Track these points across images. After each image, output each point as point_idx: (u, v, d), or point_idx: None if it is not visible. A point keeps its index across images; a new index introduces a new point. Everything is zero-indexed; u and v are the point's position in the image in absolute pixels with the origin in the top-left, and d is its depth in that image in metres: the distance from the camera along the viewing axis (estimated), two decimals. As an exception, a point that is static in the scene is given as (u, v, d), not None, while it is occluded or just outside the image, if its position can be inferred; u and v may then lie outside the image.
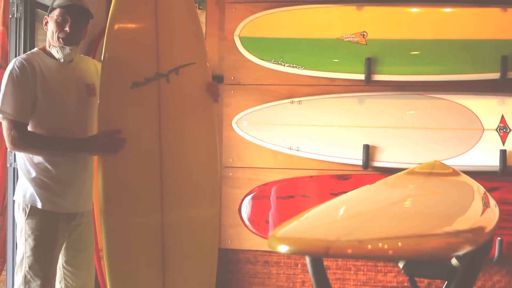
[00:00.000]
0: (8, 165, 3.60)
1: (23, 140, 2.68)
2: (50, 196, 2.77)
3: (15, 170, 3.56)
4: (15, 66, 2.70)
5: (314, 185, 3.97)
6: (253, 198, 4.04)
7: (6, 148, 3.63)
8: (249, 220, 4.02)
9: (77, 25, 2.83)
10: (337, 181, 3.94)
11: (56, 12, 2.80)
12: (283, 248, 1.40)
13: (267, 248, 1.48)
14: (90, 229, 3.04)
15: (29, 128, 2.74)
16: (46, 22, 2.84)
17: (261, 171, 4.14)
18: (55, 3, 2.82)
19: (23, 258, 2.75)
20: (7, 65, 3.65)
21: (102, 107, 2.83)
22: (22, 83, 2.69)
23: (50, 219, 2.77)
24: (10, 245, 3.61)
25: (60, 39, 2.79)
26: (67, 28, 2.79)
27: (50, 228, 2.78)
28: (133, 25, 2.95)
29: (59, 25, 2.79)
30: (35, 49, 2.87)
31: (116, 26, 2.92)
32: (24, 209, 2.76)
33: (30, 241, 2.73)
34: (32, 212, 2.75)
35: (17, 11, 3.57)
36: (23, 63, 2.72)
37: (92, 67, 3.05)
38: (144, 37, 2.94)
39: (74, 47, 2.84)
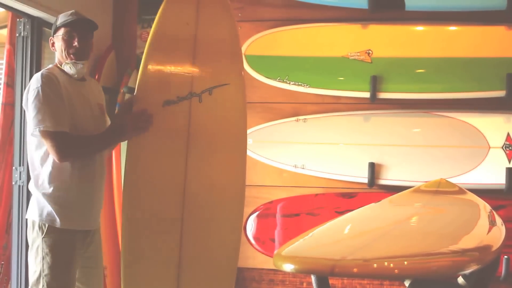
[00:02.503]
0: (13, 183, 3.61)
1: (67, 149, 2.68)
2: (68, 214, 2.76)
3: (20, 188, 3.57)
4: (43, 80, 2.69)
5: (319, 203, 3.96)
6: (258, 216, 4.03)
7: (12, 166, 3.65)
8: (254, 238, 4.00)
9: (85, 39, 2.84)
10: (343, 199, 3.93)
11: (61, 31, 2.81)
12: (288, 267, 1.40)
13: (272, 266, 1.47)
14: (100, 246, 3.04)
15: None
16: (53, 43, 2.84)
17: (267, 189, 4.14)
18: (59, 22, 2.83)
19: (40, 276, 2.72)
20: (13, 83, 3.70)
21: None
22: (55, 94, 2.69)
23: (67, 237, 2.76)
24: (14, 263, 3.60)
25: (71, 55, 2.81)
26: (76, 44, 2.80)
27: (68, 246, 2.76)
28: (172, 45, 2.99)
29: (67, 42, 2.80)
30: (50, 65, 2.87)
31: (155, 46, 2.96)
32: (40, 228, 2.74)
33: (48, 259, 2.71)
34: (50, 230, 2.73)
35: (24, 30, 3.60)
36: (49, 76, 2.72)
37: (99, 88, 3.07)
38: (181, 57, 2.98)
39: (85, 62, 2.86)
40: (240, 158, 3.01)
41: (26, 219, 2.86)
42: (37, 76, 2.73)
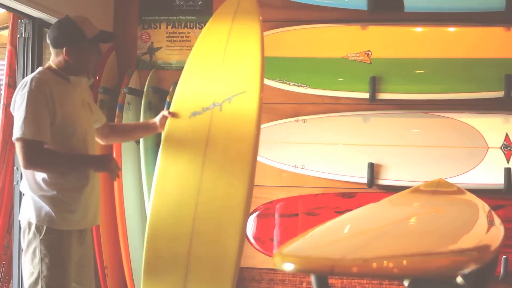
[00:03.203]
0: (14, 183, 3.62)
1: (38, 159, 2.67)
2: (66, 214, 2.77)
3: (21, 188, 3.58)
4: (32, 87, 2.66)
5: (319, 203, 3.97)
6: (258, 216, 4.04)
7: (13, 167, 3.66)
8: (254, 238, 4.02)
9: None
10: (342, 199, 3.94)
11: (89, 44, 2.80)
12: (288, 266, 1.41)
13: (272, 266, 1.48)
14: (91, 245, 3.07)
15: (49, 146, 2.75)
16: (68, 51, 2.75)
17: (266, 189, 4.15)
18: (89, 34, 2.79)
19: (38, 278, 2.71)
20: (14, 84, 3.71)
21: (167, 133, 3.13)
22: (41, 103, 2.66)
23: (65, 237, 2.77)
24: (15, 262, 3.62)
25: (90, 71, 2.86)
26: (98, 61, 2.86)
27: (65, 245, 2.77)
28: (205, 62, 3.22)
29: (91, 58, 2.83)
30: (41, 68, 2.84)
31: (193, 64, 3.24)
32: (38, 229, 2.73)
33: (47, 261, 2.71)
34: (48, 231, 2.73)
35: (25, 31, 3.61)
36: (40, 83, 2.68)
37: (87, 89, 3.06)
38: (210, 71, 3.19)
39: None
40: (250, 163, 3.08)
41: (19, 221, 2.86)
42: (27, 81, 2.69)
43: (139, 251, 3.42)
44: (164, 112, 3.17)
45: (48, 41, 2.83)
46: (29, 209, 2.75)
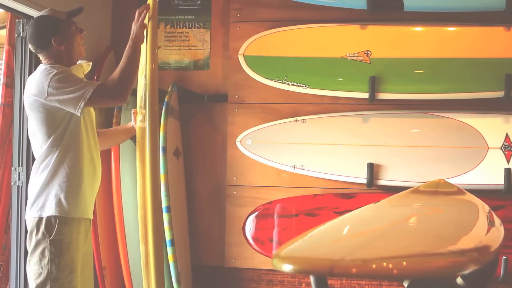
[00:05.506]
0: (12, 183, 3.61)
1: (117, 87, 2.79)
2: (78, 202, 2.79)
3: (19, 188, 3.57)
4: (54, 67, 2.76)
5: (318, 204, 3.96)
6: (257, 216, 4.03)
7: (11, 167, 3.65)
8: (253, 238, 4.01)
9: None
10: (341, 200, 3.93)
11: (68, 25, 2.84)
12: (287, 267, 1.40)
13: (271, 266, 1.47)
14: (92, 243, 3.06)
15: (65, 142, 2.79)
16: (59, 41, 2.82)
17: (265, 190, 4.14)
18: (62, 17, 2.84)
19: (47, 278, 2.71)
20: (12, 84, 3.70)
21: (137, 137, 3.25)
22: (70, 72, 2.80)
23: (74, 228, 2.78)
24: (13, 263, 3.60)
25: (84, 53, 2.90)
26: (83, 40, 2.91)
27: (74, 244, 2.77)
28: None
29: (78, 37, 2.88)
30: (48, 68, 2.84)
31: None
32: (47, 228, 2.72)
33: (57, 261, 2.70)
34: (60, 224, 2.73)
35: (23, 31, 3.61)
36: (56, 65, 2.79)
37: None
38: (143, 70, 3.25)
39: None
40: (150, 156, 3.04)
41: (25, 221, 2.85)
42: (45, 69, 2.77)
43: (137, 252, 3.42)
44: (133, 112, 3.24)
45: (34, 50, 2.90)
46: (38, 204, 2.76)
